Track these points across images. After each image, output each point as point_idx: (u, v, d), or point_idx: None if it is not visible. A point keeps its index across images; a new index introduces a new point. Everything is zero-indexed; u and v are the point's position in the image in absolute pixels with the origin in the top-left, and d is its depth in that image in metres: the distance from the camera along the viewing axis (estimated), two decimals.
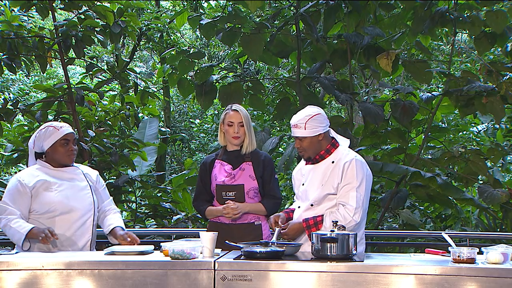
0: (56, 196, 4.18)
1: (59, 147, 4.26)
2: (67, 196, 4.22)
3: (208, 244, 3.65)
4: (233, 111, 4.65)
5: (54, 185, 4.21)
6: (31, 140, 4.34)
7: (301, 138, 4.13)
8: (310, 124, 4.09)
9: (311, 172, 4.21)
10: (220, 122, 4.73)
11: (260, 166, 4.64)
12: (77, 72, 16.22)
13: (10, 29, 6.83)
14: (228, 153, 4.71)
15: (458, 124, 10.04)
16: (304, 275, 3.42)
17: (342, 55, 7.41)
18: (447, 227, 8.13)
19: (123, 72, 7.36)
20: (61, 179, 4.27)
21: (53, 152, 4.27)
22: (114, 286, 3.48)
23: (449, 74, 7.25)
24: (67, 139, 4.28)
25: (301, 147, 4.15)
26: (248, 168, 4.62)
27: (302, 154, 4.21)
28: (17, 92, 14.29)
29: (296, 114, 4.19)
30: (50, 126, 4.30)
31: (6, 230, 4.13)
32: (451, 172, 7.77)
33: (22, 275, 3.52)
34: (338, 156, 4.14)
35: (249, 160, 4.64)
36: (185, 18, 7.76)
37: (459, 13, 7.05)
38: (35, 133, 4.34)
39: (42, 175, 4.23)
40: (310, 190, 4.18)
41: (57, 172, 4.29)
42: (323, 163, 4.17)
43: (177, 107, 16.11)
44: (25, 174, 4.24)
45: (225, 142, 4.73)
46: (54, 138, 4.24)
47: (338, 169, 4.07)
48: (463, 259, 3.40)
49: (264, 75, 11.93)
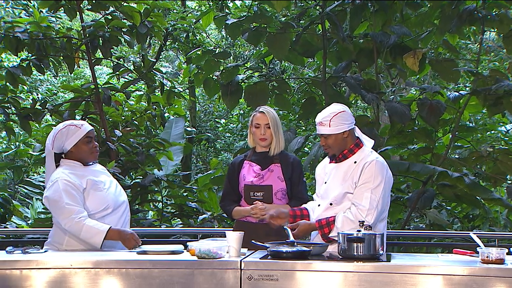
0: (107, 194, 4.17)
1: (82, 145, 4.17)
2: (114, 192, 4.22)
3: (235, 244, 3.66)
4: (260, 113, 4.67)
5: (100, 184, 4.18)
6: (49, 141, 4.21)
7: (326, 136, 4.10)
8: (335, 121, 4.06)
9: (334, 170, 4.19)
10: (249, 124, 4.75)
11: (289, 168, 4.64)
12: (104, 72, 16.35)
13: (38, 30, 6.91)
14: (257, 154, 4.73)
15: (486, 123, 9.93)
16: (331, 275, 3.41)
17: (368, 54, 7.37)
18: (475, 227, 8.04)
19: (149, 72, 7.41)
20: (98, 176, 4.23)
21: (77, 151, 4.17)
22: (141, 285, 3.50)
23: (477, 73, 7.18)
24: (90, 136, 4.20)
25: (326, 144, 4.13)
26: (276, 170, 4.64)
27: (328, 151, 4.20)
28: (45, 93, 14.44)
29: (321, 112, 4.18)
30: (70, 125, 4.19)
31: (79, 229, 3.98)
32: (479, 171, 7.69)
33: (51, 273, 3.55)
34: (361, 156, 4.11)
35: (278, 162, 4.66)
36: (211, 18, 7.78)
37: (487, 11, 6.98)
38: (53, 134, 4.20)
39: (84, 175, 4.15)
40: (331, 189, 4.15)
41: (91, 170, 4.24)
42: (346, 162, 4.14)
43: (202, 107, 16.16)
44: (66, 176, 4.09)
45: (254, 144, 4.75)
46: (77, 137, 4.15)
47: (358, 169, 4.05)
48: (492, 259, 3.36)
49: (290, 74, 11.91)
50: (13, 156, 11.22)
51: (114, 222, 4.15)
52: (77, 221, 3.96)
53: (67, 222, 3.98)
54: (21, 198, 10.88)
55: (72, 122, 4.26)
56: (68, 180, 4.06)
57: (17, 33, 6.78)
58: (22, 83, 7.38)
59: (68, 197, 4.01)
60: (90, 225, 3.97)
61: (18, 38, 6.78)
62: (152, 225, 7.46)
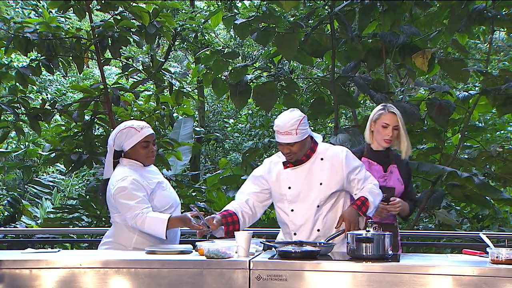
0: (170, 193, 4.29)
1: (140, 148, 4.21)
2: (173, 192, 4.35)
3: (243, 244, 3.65)
4: (390, 113, 4.45)
5: (163, 183, 4.28)
6: (111, 138, 4.27)
7: (292, 144, 4.05)
8: (300, 128, 4.03)
9: (297, 174, 4.14)
10: (371, 120, 4.53)
11: (404, 170, 4.51)
12: (113, 72, 16.38)
13: (48, 30, 6.93)
14: (374, 152, 4.52)
15: (496, 123, 9.89)
16: (340, 275, 3.41)
17: (377, 54, 7.36)
18: (484, 228, 8.02)
19: (158, 72, 7.42)
20: (156, 177, 4.30)
21: (134, 153, 4.22)
22: (150, 285, 3.50)
23: (487, 72, 7.15)
24: (148, 141, 4.23)
25: (291, 152, 4.08)
26: (395, 172, 4.48)
27: (290, 158, 4.12)
28: (55, 93, 14.49)
29: (281, 120, 4.07)
30: (131, 127, 4.22)
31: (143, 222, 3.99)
32: (489, 172, 7.67)
33: (60, 273, 3.57)
34: (323, 152, 4.15)
35: (394, 163, 4.50)
36: (220, 18, 7.79)
37: (497, 11, 6.96)
38: (116, 132, 4.27)
39: (149, 176, 4.23)
40: (305, 192, 4.12)
41: (151, 171, 4.32)
42: (310, 162, 4.14)
43: (211, 107, 16.16)
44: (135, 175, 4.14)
45: (372, 141, 4.53)
46: (135, 140, 4.20)
47: (336, 165, 4.09)
48: (501, 260, 3.35)
49: (298, 74, 11.89)
50: (23, 156, 11.27)
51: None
52: (141, 215, 4.00)
53: (133, 218, 4.01)
54: (31, 197, 10.94)
55: (132, 124, 4.27)
56: (137, 180, 4.11)
57: (26, 33, 6.80)
58: (31, 83, 7.40)
59: (136, 196, 4.05)
60: (152, 216, 4.00)
61: (27, 38, 6.80)
62: None
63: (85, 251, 4.10)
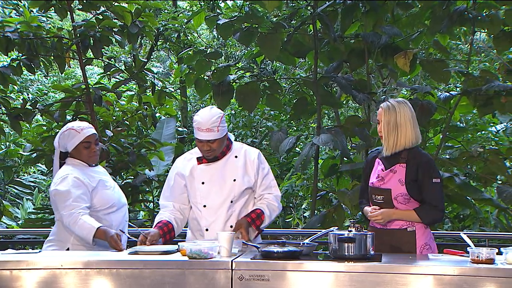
0: (113, 193, 4.33)
1: (82, 149, 4.30)
2: (118, 192, 4.39)
3: (226, 244, 3.66)
4: (380, 108, 4.23)
5: (107, 183, 4.33)
6: (56, 140, 4.37)
7: (213, 141, 4.10)
8: (222, 125, 4.10)
9: (213, 169, 4.23)
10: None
11: (414, 169, 4.09)
12: (95, 72, 16.29)
13: (29, 30, 6.88)
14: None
15: (477, 123, 9.95)
16: (322, 275, 3.41)
17: (359, 54, 7.39)
18: (465, 227, 8.06)
19: (140, 72, 7.39)
20: (100, 176, 4.35)
21: (77, 154, 4.31)
22: (132, 285, 3.49)
23: (468, 73, 7.19)
24: (89, 141, 4.31)
25: (211, 149, 4.14)
26: (400, 171, 4.12)
27: (209, 155, 4.18)
28: (36, 92, 14.39)
29: (202, 117, 4.09)
30: (71, 128, 4.31)
31: (75, 223, 4.03)
32: (470, 172, 7.71)
33: (41, 274, 3.54)
34: (238, 150, 4.27)
35: (404, 162, 4.12)
36: (202, 18, 7.77)
37: (478, 12, 7.00)
38: (59, 133, 4.37)
39: (92, 175, 4.29)
40: (218, 187, 4.20)
41: (96, 171, 4.37)
42: (225, 159, 4.23)
43: (194, 107, 16.13)
44: (77, 173, 4.20)
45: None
46: (76, 141, 4.28)
47: (248, 163, 4.22)
48: (482, 259, 3.38)
49: (281, 74, 11.91)
50: (3, 156, 11.18)
51: (119, 219, 4.31)
52: (76, 215, 4.03)
53: (68, 216, 4.04)
54: (11, 198, 10.85)
55: (73, 126, 4.35)
56: (77, 177, 4.17)
57: (7, 32, 6.75)
58: (12, 83, 7.35)
59: (76, 193, 4.10)
60: (84, 221, 4.02)
61: (8, 37, 6.75)
62: (143, 225, 7.44)
63: (66, 252, 4.06)
